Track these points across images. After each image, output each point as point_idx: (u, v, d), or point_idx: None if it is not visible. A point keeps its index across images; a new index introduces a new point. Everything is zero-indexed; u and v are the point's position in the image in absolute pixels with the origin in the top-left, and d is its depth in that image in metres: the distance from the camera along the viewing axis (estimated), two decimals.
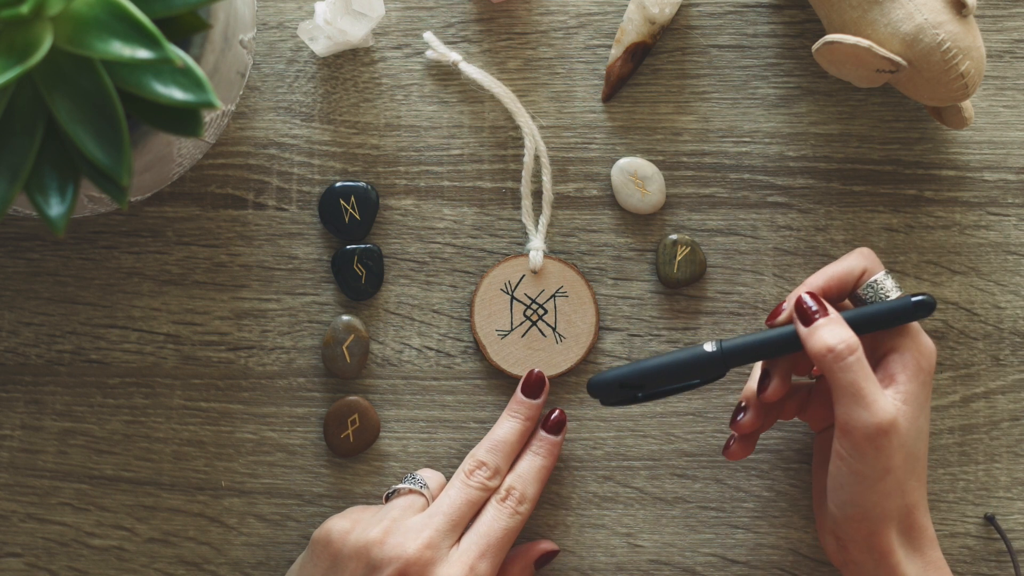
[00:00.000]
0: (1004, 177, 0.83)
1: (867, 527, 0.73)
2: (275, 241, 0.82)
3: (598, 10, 0.83)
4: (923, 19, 0.75)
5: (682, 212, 0.83)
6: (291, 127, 0.83)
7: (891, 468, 0.72)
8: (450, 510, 0.76)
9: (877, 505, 0.72)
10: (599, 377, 0.76)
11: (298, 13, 0.83)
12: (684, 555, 0.82)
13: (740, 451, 0.78)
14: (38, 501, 0.82)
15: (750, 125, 0.83)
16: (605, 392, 0.76)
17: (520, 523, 0.77)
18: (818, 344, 0.72)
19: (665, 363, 0.75)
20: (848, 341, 0.72)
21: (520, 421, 0.80)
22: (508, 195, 0.83)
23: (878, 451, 0.71)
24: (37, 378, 0.82)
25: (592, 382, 0.76)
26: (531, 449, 0.80)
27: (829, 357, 0.72)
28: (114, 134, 0.61)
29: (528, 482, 0.78)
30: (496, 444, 0.79)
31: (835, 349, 0.72)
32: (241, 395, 0.82)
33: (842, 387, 0.72)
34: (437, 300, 0.82)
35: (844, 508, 0.73)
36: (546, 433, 0.80)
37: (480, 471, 0.78)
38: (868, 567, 0.74)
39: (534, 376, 0.80)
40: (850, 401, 0.71)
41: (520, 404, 0.80)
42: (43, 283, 0.82)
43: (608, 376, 0.75)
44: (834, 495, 0.73)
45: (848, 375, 0.71)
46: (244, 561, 0.82)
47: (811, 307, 0.73)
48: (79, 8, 0.60)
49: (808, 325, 0.73)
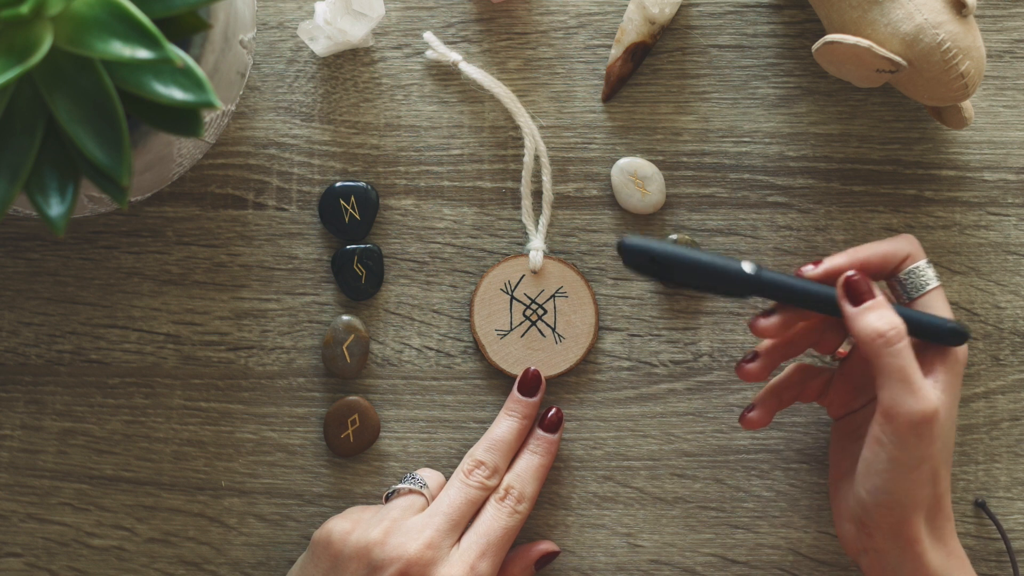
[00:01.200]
0: (1004, 177, 0.83)
1: (897, 514, 0.72)
2: (275, 241, 0.82)
3: (598, 10, 0.83)
4: (923, 19, 0.75)
5: (682, 212, 0.83)
6: (291, 127, 0.83)
7: (928, 457, 0.72)
8: (450, 510, 0.76)
9: (910, 493, 0.72)
10: (633, 240, 0.72)
11: (298, 13, 0.83)
12: (684, 555, 0.82)
13: (759, 419, 0.77)
14: (38, 501, 0.82)
15: (750, 125, 0.83)
16: (634, 256, 0.72)
17: (520, 522, 0.78)
18: (868, 327, 0.72)
19: (700, 260, 0.72)
20: (899, 327, 0.72)
21: (517, 420, 0.80)
22: (508, 195, 0.83)
23: (919, 439, 0.71)
24: (37, 378, 0.82)
25: (625, 243, 0.72)
26: (529, 448, 0.80)
27: (879, 342, 0.71)
28: (114, 134, 0.61)
29: (527, 481, 0.78)
30: (494, 443, 0.79)
31: (886, 334, 0.71)
32: (241, 395, 0.82)
33: (890, 372, 0.71)
34: (437, 300, 0.82)
35: (876, 495, 0.73)
36: (543, 432, 0.80)
37: (479, 470, 0.78)
38: (892, 555, 0.73)
39: (530, 374, 0.80)
40: (897, 387, 0.71)
41: (517, 403, 0.80)
42: (43, 283, 0.82)
43: (642, 244, 0.72)
44: (866, 481, 0.73)
45: (898, 360, 0.71)
46: (244, 561, 0.82)
47: (863, 287, 0.73)
48: (79, 8, 0.60)
49: (857, 305, 0.73)
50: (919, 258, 0.75)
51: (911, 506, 0.72)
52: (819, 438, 0.82)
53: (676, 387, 0.82)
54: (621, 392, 0.82)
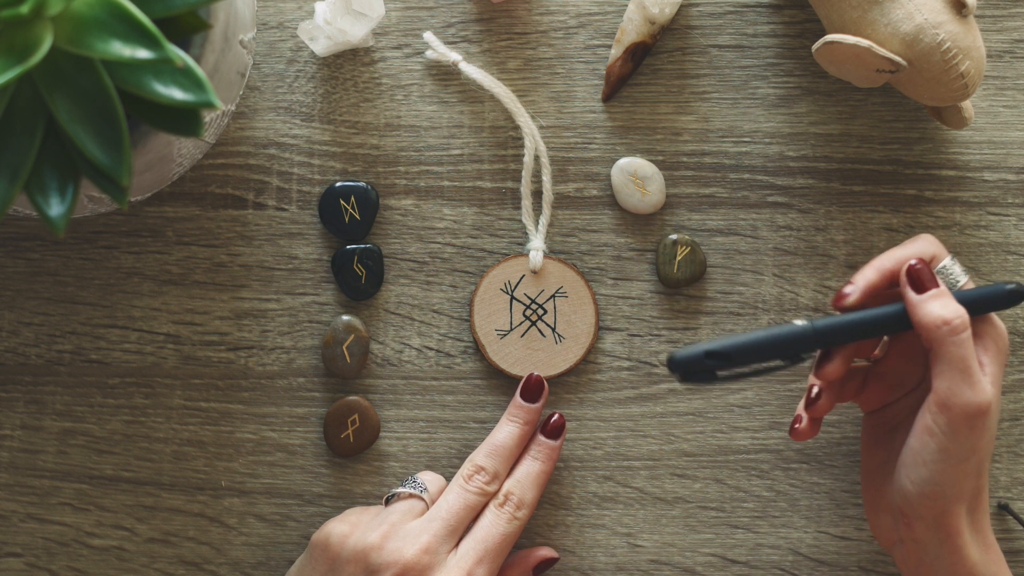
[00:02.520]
0: (1004, 177, 0.83)
1: (941, 506, 0.72)
2: (275, 241, 0.82)
3: (598, 10, 0.83)
4: (923, 19, 0.75)
5: (682, 212, 0.83)
6: (291, 127, 0.83)
7: (977, 449, 0.72)
8: (448, 515, 0.76)
9: (956, 485, 0.72)
10: (683, 351, 0.72)
11: (298, 13, 0.83)
12: (684, 555, 0.82)
13: (809, 431, 0.77)
14: (38, 501, 0.82)
15: (750, 125, 0.83)
16: (688, 365, 0.72)
17: (518, 528, 0.77)
18: (932, 315, 0.72)
19: (755, 337, 0.73)
20: (964, 316, 0.71)
21: (519, 425, 0.79)
22: (508, 195, 0.83)
23: (972, 430, 0.71)
24: (37, 378, 0.82)
25: (676, 356, 0.72)
26: (530, 454, 0.79)
27: (944, 329, 0.71)
28: (114, 134, 0.61)
29: (527, 487, 0.78)
30: (495, 448, 0.79)
31: (951, 322, 0.71)
32: (241, 395, 0.82)
33: (951, 362, 0.71)
34: (437, 300, 0.82)
35: (922, 485, 0.72)
36: (545, 437, 0.80)
37: (479, 476, 0.78)
38: (931, 546, 0.73)
39: (533, 380, 0.80)
40: (958, 377, 0.71)
41: (519, 408, 0.80)
42: (43, 283, 0.82)
43: (693, 348, 0.72)
44: (912, 471, 0.73)
45: (960, 350, 0.71)
46: (244, 561, 0.82)
47: (926, 275, 0.73)
48: (79, 8, 0.60)
49: (921, 293, 0.72)
50: (943, 257, 0.75)
51: (955, 498, 0.72)
52: (819, 438, 0.82)
53: (676, 387, 0.82)
54: (621, 392, 0.82)
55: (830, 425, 0.82)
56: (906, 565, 0.75)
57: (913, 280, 0.73)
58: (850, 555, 0.82)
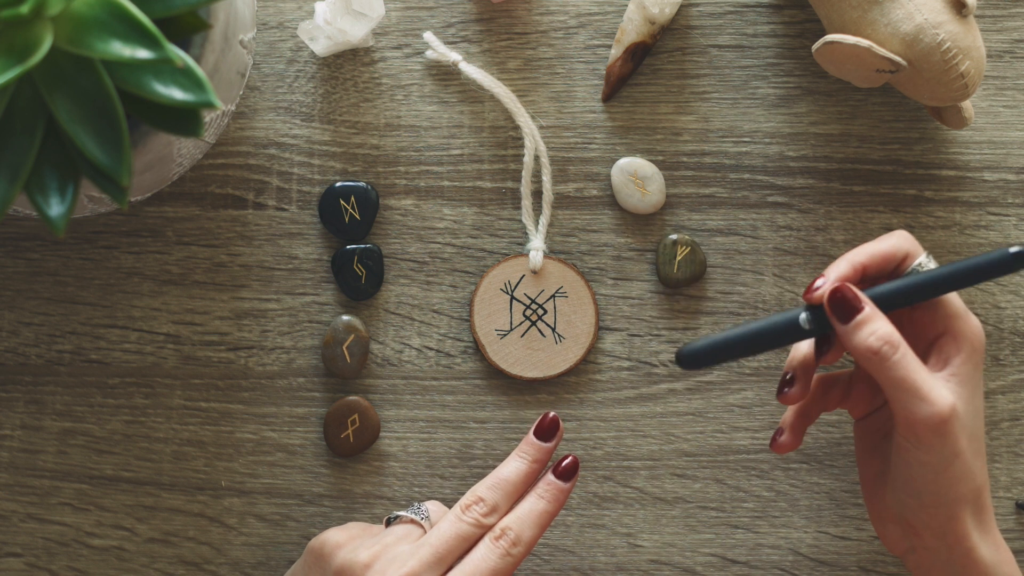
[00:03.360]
0: (1004, 177, 0.83)
1: (944, 512, 0.72)
2: (275, 241, 0.82)
3: (598, 10, 0.83)
4: (923, 19, 0.75)
5: (682, 212, 0.83)
6: (291, 127, 0.83)
7: (958, 452, 0.71)
8: (438, 543, 0.73)
9: (951, 490, 0.72)
10: (690, 348, 0.73)
11: (298, 13, 0.83)
12: (684, 555, 0.82)
13: (790, 443, 0.76)
14: (38, 501, 0.82)
15: (750, 125, 0.83)
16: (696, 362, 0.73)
17: (511, 566, 0.73)
18: (860, 345, 0.71)
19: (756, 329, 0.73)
20: (891, 340, 0.71)
21: (527, 463, 0.76)
22: (508, 195, 0.83)
23: (943, 439, 0.71)
24: (37, 378, 0.82)
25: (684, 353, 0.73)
26: (537, 491, 0.75)
27: (875, 360, 0.71)
28: (114, 134, 0.61)
29: (526, 525, 0.74)
30: (499, 482, 0.75)
31: (880, 351, 0.71)
32: (241, 395, 0.82)
33: (894, 385, 0.71)
34: (437, 300, 0.82)
35: (920, 496, 0.72)
36: (555, 478, 0.75)
37: (477, 507, 0.74)
38: (941, 552, 0.73)
39: (549, 419, 0.76)
40: (906, 396, 0.71)
41: (530, 446, 0.76)
42: (43, 283, 0.82)
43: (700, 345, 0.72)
44: (907, 486, 0.73)
45: (898, 372, 0.71)
46: (244, 561, 0.82)
47: (850, 302, 0.72)
48: (79, 8, 0.60)
49: (847, 322, 0.72)
50: (918, 254, 0.74)
51: (955, 503, 0.72)
52: (819, 438, 0.82)
53: (676, 387, 0.82)
54: (621, 392, 0.82)
55: (830, 425, 0.82)
56: (919, 571, 0.75)
57: (836, 309, 0.72)
58: (850, 555, 0.82)
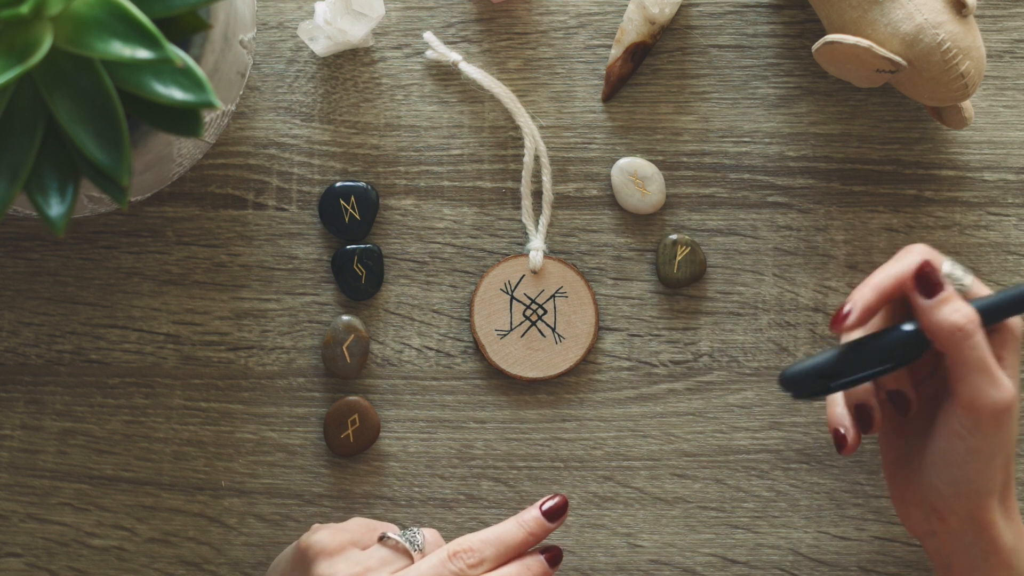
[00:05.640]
0: (1004, 177, 0.83)
1: (976, 502, 0.73)
2: (275, 241, 0.82)
3: (598, 10, 0.83)
4: (923, 19, 0.75)
5: (682, 212, 0.83)
6: (291, 127, 0.83)
7: (1006, 443, 0.72)
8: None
9: (989, 480, 0.72)
10: (793, 369, 0.73)
11: (298, 13, 0.83)
12: (684, 555, 0.82)
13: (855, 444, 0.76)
14: (38, 501, 0.82)
15: (750, 125, 0.83)
16: (799, 385, 0.73)
17: None
18: (945, 321, 0.71)
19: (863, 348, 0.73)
20: (975, 318, 0.71)
21: (526, 534, 0.75)
22: (508, 195, 0.83)
23: (999, 428, 0.71)
24: (37, 378, 0.82)
25: (786, 376, 0.73)
26: (525, 561, 0.75)
27: (959, 335, 0.71)
28: (114, 134, 0.61)
29: None
30: (494, 539, 0.75)
31: (964, 328, 0.71)
32: (241, 395, 0.82)
33: (971, 365, 0.71)
34: (437, 300, 0.82)
35: (955, 485, 0.73)
36: (544, 559, 0.75)
37: (466, 555, 0.73)
38: (966, 537, 0.74)
39: (562, 503, 0.76)
40: (979, 378, 0.71)
41: (535, 520, 0.76)
42: (43, 283, 0.82)
43: (803, 367, 0.73)
44: (943, 472, 0.73)
45: (977, 352, 0.71)
46: (244, 561, 0.82)
47: (935, 279, 0.72)
48: (79, 8, 0.60)
49: (931, 297, 0.72)
50: (939, 263, 0.74)
51: (987, 492, 0.73)
52: (819, 438, 0.82)
53: (676, 387, 0.82)
54: (621, 392, 0.82)
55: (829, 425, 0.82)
56: (939, 554, 0.75)
57: (921, 285, 0.72)
58: (850, 555, 0.82)
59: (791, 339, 0.82)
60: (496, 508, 0.82)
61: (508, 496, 0.82)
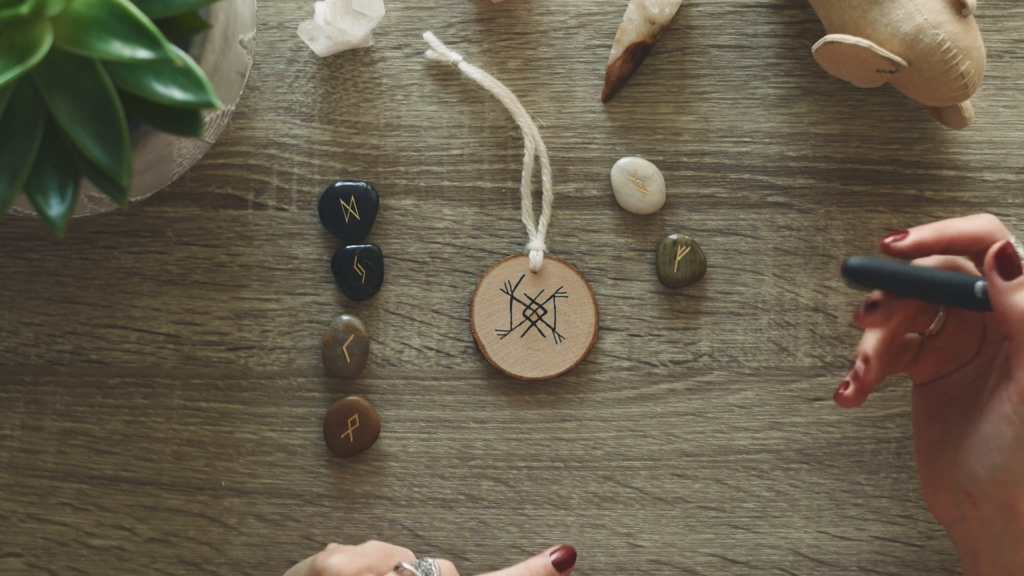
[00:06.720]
0: (1004, 177, 0.83)
1: (1012, 490, 0.72)
2: (275, 241, 0.82)
3: (598, 10, 0.83)
4: (923, 19, 0.75)
5: (682, 212, 0.83)
6: (291, 127, 0.83)
7: None
8: None
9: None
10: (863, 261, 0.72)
11: (298, 13, 0.83)
12: (684, 555, 0.82)
13: (855, 399, 0.75)
14: (38, 501, 0.82)
15: (750, 125, 0.83)
16: (863, 274, 0.72)
17: None
18: (1019, 306, 0.70)
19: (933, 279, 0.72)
20: None
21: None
22: (508, 195, 0.83)
23: None
24: (37, 378, 0.82)
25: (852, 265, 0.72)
26: None
27: None
28: (114, 134, 0.61)
29: None
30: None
31: None
32: (241, 395, 0.82)
33: None
34: (437, 300, 0.82)
35: (995, 472, 0.72)
36: None
37: None
38: (996, 526, 0.73)
39: (572, 554, 0.79)
40: None
41: (544, 569, 0.78)
42: (43, 283, 0.82)
43: (875, 262, 0.72)
44: (985, 457, 0.72)
45: None
46: (244, 561, 0.82)
47: (1016, 261, 0.71)
48: (79, 8, 0.60)
49: (1009, 279, 0.71)
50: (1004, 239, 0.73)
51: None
52: (819, 438, 0.82)
53: (676, 387, 0.82)
54: (621, 392, 0.82)
55: (830, 425, 0.82)
56: (966, 542, 0.74)
57: (1001, 264, 0.71)
58: (850, 555, 0.82)
59: (791, 339, 0.82)
60: (496, 508, 0.82)
61: (508, 496, 0.82)
